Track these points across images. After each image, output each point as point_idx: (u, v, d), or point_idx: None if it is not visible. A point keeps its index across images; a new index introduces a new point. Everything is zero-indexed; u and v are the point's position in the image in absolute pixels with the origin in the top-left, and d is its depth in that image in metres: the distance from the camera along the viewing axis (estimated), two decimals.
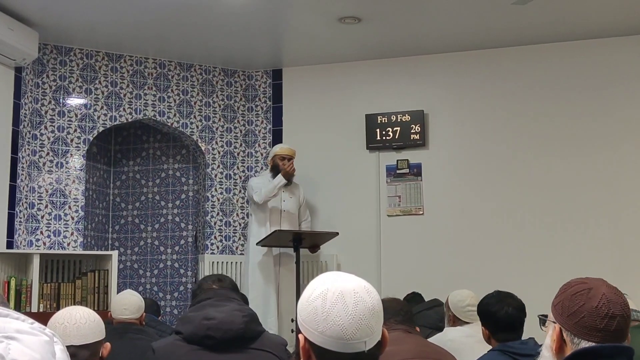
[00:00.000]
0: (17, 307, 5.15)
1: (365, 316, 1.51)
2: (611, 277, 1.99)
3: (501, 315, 3.17)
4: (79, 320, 2.48)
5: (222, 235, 6.84)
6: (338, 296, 1.51)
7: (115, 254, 5.82)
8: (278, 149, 6.42)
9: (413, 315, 3.22)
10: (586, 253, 6.08)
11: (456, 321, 3.90)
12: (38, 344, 1.20)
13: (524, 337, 3.21)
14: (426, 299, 5.04)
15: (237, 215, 6.90)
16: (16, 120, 5.89)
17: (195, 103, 6.86)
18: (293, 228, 6.22)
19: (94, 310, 2.64)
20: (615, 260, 5.97)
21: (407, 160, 6.61)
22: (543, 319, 1.86)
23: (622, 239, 6.08)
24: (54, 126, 6.25)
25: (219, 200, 6.87)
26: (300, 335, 1.56)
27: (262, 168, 6.93)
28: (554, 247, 6.19)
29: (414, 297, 5.27)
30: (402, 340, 2.83)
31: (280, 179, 6.19)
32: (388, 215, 6.62)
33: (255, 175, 6.84)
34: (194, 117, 6.84)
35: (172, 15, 5.66)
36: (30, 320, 1.26)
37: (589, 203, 6.18)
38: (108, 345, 2.55)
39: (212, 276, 3.15)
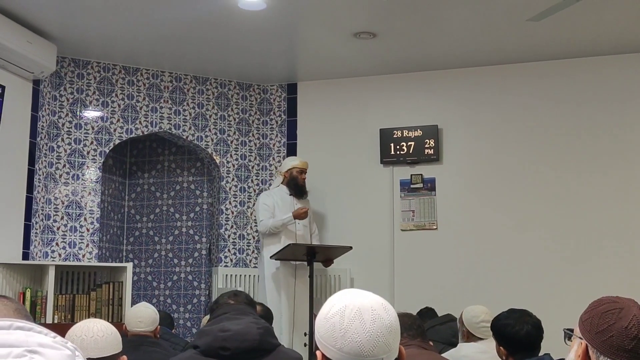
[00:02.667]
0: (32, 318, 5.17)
1: (383, 333, 1.52)
2: (625, 293, 1.99)
3: (522, 335, 3.14)
4: (97, 334, 2.50)
5: (235, 248, 6.86)
6: (356, 313, 1.52)
7: (129, 266, 5.85)
8: (297, 162, 6.43)
9: (425, 329, 3.22)
10: (601, 269, 6.06)
11: (470, 337, 3.90)
12: (60, 358, 1.21)
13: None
14: (439, 314, 5.04)
15: (251, 228, 6.91)
16: (33, 133, 5.95)
17: (210, 116, 6.90)
18: (307, 240, 6.23)
19: (108, 322, 2.66)
20: (629, 277, 5.94)
21: (421, 175, 6.62)
22: (569, 333, 1.85)
23: (636, 256, 6.05)
24: (71, 138, 6.30)
25: (233, 213, 6.89)
26: (317, 352, 1.57)
27: None
28: (568, 263, 6.17)
29: (427, 312, 5.27)
30: (418, 356, 2.83)
31: (290, 219, 6.18)
32: (402, 230, 6.62)
33: (267, 188, 6.84)
34: (209, 130, 6.88)
35: (188, 29, 5.71)
36: (53, 333, 1.28)
37: (603, 218, 6.16)
38: (125, 358, 2.57)
39: (228, 292, 3.19)
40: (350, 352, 1.50)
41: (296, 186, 6.33)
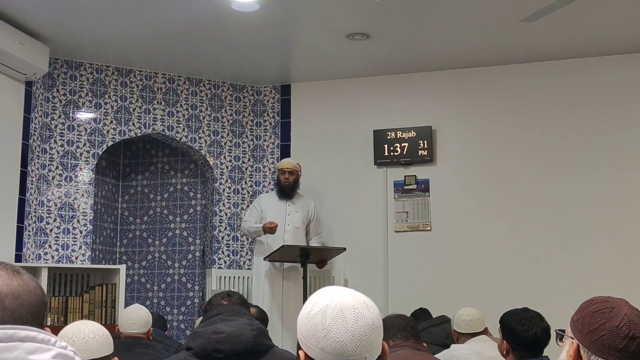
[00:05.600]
0: None
1: (365, 332, 1.51)
2: (619, 294, 1.99)
3: (529, 336, 3.14)
4: (88, 335, 2.49)
5: (229, 250, 6.85)
6: (338, 312, 1.52)
7: (123, 268, 5.84)
8: (279, 163, 6.49)
9: (419, 331, 3.22)
10: (594, 270, 6.06)
11: (460, 337, 3.90)
12: None
13: None
14: (433, 315, 5.04)
15: None
16: (26, 134, 5.93)
17: (204, 118, 6.89)
18: (298, 243, 6.22)
19: (101, 324, 2.65)
20: (622, 277, 5.94)
21: (415, 176, 6.62)
22: (560, 334, 1.85)
23: (630, 256, 6.06)
24: (64, 140, 6.28)
25: (226, 215, 6.88)
26: (300, 352, 1.56)
27: (269, 183, 6.95)
28: (561, 264, 6.18)
29: (421, 314, 5.26)
30: (411, 357, 2.82)
31: (260, 231, 6.21)
32: (395, 231, 6.61)
33: (264, 191, 6.87)
34: (203, 131, 6.87)
35: (181, 31, 5.70)
36: (63, 343, 1.21)
37: (597, 219, 6.17)
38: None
39: (221, 292, 3.17)
40: (333, 352, 1.49)
41: (280, 189, 6.36)
